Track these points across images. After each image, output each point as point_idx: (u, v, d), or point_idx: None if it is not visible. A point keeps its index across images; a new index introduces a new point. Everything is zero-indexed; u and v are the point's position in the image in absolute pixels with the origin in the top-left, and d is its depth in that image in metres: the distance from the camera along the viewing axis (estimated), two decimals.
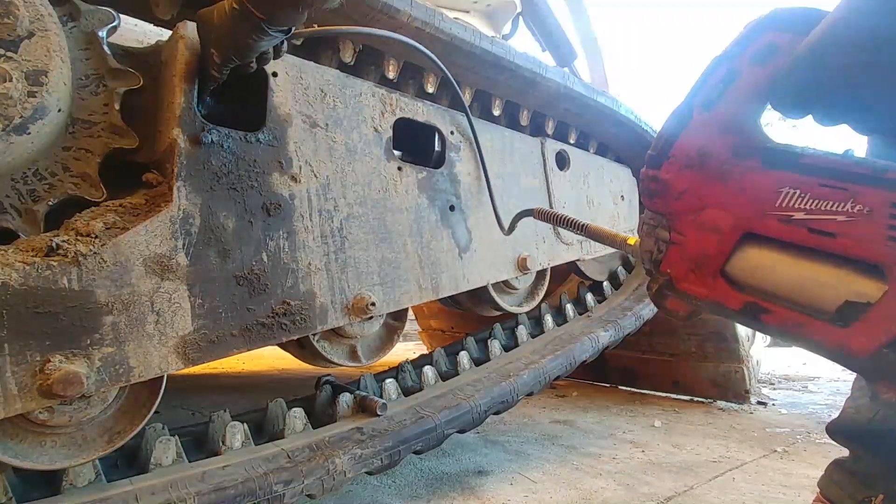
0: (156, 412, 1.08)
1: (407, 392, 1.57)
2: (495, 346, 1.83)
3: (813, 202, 0.50)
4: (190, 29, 1.10)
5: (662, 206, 0.62)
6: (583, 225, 0.96)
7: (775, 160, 0.54)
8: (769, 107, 0.59)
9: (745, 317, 0.57)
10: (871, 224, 0.46)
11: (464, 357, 1.73)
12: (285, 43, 1.05)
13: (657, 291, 0.64)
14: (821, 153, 0.52)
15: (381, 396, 1.48)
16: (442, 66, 1.51)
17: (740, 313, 0.57)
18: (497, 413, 1.63)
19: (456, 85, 1.58)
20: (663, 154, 0.60)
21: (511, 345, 1.91)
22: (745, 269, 0.56)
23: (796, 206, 0.51)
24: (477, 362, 1.78)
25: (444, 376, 1.68)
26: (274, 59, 1.08)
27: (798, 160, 0.52)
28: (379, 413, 1.38)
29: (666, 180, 0.60)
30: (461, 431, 1.53)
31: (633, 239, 0.70)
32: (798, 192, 0.51)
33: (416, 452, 1.40)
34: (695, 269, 0.59)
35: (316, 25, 1.38)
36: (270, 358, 3.91)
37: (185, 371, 1.16)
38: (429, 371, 1.62)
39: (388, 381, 1.53)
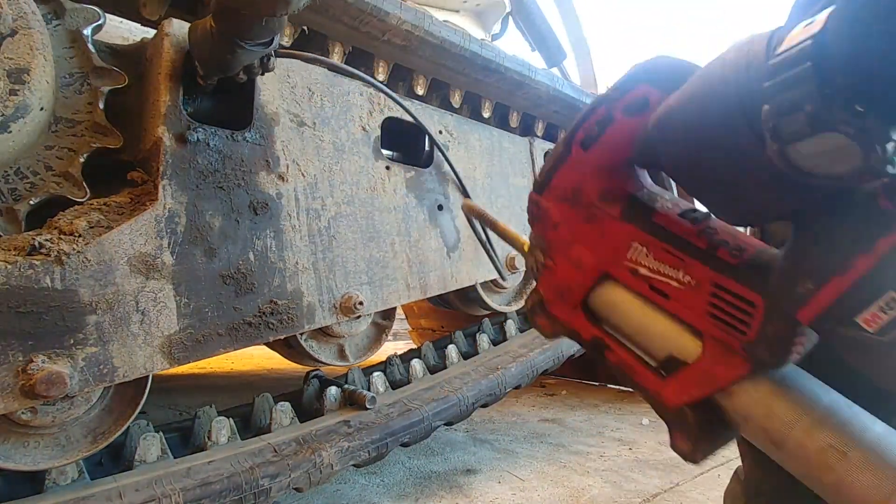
0: (142, 412, 1.08)
1: (395, 385, 1.58)
2: (484, 340, 1.84)
3: (655, 263, 0.52)
4: (175, 27, 1.10)
5: (542, 232, 0.62)
6: (491, 220, 0.90)
7: (632, 213, 0.54)
8: None
9: (592, 350, 0.59)
10: (697, 296, 0.48)
11: (452, 351, 1.74)
12: (272, 58, 1.05)
13: (532, 307, 0.65)
14: (676, 213, 0.53)
15: (368, 390, 1.49)
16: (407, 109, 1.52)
17: (589, 345, 0.59)
18: (484, 406, 1.64)
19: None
20: (546, 182, 0.60)
21: (499, 339, 1.92)
22: (600, 304, 0.58)
23: (642, 262, 0.53)
24: (465, 356, 1.79)
25: (432, 370, 1.68)
26: (262, 72, 1.09)
27: (652, 217, 0.53)
28: (368, 406, 1.38)
29: (546, 209, 0.60)
30: (448, 424, 1.54)
31: (528, 245, 0.70)
32: (644, 250, 0.52)
33: (404, 445, 1.41)
34: (560, 297, 0.60)
35: (306, 28, 1.39)
36: (259, 357, 3.89)
37: (172, 371, 1.16)
38: (417, 364, 1.63)
39: (375, 374, 1.53)
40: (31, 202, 0.97)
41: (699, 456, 0.49)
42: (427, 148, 1.71)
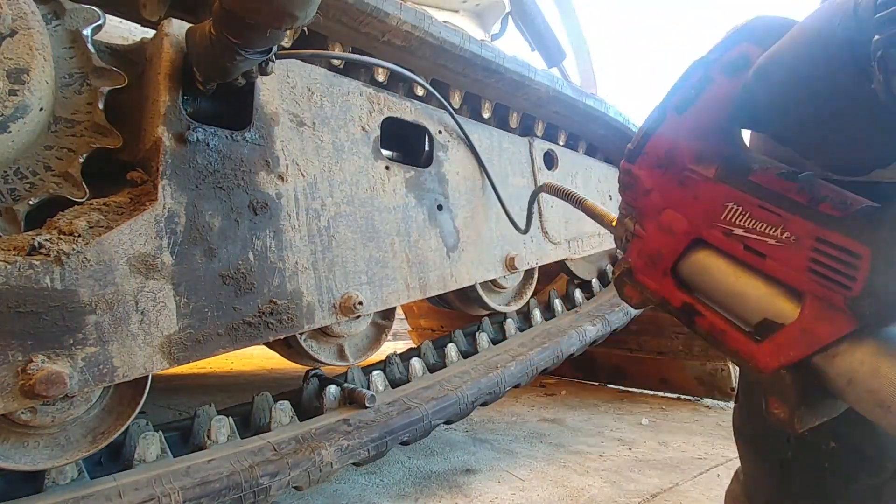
0: (142, 412, 1.08)
1: (394, 384, 1.58)
2: (483, 339, 1.84)
3: (751, 222, 0.51)
4: (175, 27, 1.10)
5: (632, 200, 0.63)
6: (579, 200, 1.00)
7: (728, 174, 0.54)
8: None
9: (682, 315, 0.59)
10: (797, 252, 0.47)
11: (451, 349, 1.74)
12: (271, 63, 1.04)
13: (619, 276, 0.66)
14: (773, 172, 0.52)
15: (368, 388, 1.49)
16: (426, 84, 1.55)
17: (680, 311, 0.59)
18: (484, 404, 1.64)
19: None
20: (639, 150, 0.61)
21: (499, 338, 1.92)
22: (692, 270, 0.58)
23: (737, 221, 0.52)
24: (465, 355, 1.79)
25: (431, 368, 1.68)
26: (261, 75, 1.09)
27: (748, 176, 0.52)
28: (368, 405, 1.39)
29: (638, 176, 0.61)
30: (448, 422, 1.54)
31: (615, 220, 0.73)
32: (741, 209, 0.52)
33: (403, 443, 1.41)
34: (650, 264, 0.61)
35: (306, 29, 1.39)
36: (259, 357, 3.90)
37: (172, 371, 1.16)
38: (416, 363, 1.63)
39: (375, 373, 1.53)
40: (31, 202, 0.97)
41: (797, 424, 0.47)
42: (427, 148, 1.71)
